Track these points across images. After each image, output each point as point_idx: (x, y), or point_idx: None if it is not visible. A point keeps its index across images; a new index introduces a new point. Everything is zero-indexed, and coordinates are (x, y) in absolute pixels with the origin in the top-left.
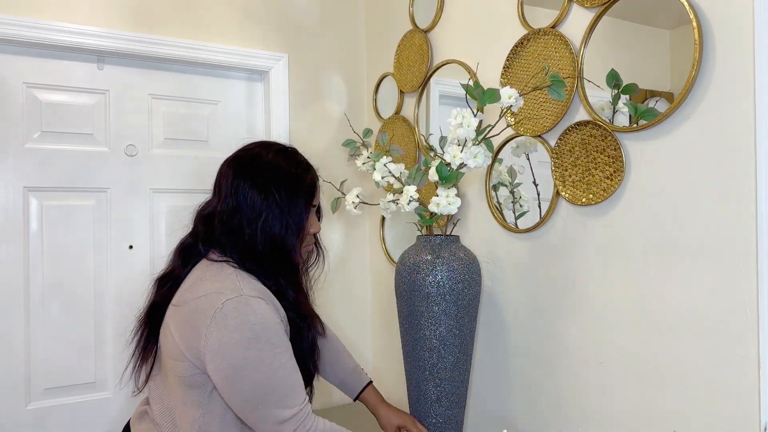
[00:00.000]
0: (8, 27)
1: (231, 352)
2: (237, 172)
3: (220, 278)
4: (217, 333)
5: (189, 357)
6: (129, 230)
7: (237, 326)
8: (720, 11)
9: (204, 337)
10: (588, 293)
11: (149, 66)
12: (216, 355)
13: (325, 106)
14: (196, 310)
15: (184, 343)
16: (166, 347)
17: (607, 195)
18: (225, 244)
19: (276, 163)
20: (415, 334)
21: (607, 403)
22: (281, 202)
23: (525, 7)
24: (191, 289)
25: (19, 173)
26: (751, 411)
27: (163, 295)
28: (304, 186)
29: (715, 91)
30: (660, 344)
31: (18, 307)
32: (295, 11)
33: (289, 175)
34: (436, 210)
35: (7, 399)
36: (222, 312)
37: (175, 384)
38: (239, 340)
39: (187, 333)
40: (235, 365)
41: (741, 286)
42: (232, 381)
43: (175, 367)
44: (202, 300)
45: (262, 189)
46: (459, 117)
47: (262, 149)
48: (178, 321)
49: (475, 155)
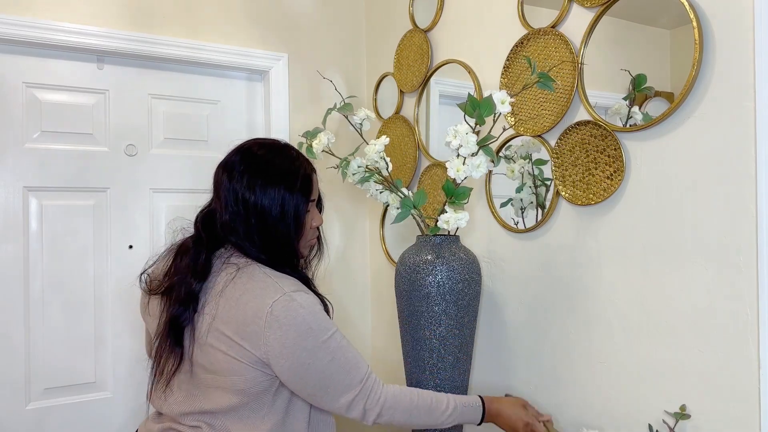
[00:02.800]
0: (8, 27)
1: (292, 349)
2: (232, 174)
3: (256, 284)
4: (274, 336)
5: (253, 366)
6: (129, 230)
7: (291, 324)
8: (720, 11)
9: (263, 345)
10: (588, 293)
11: (149, 66)
12: (280, 357)
13: (325, 106)
14: (245, 323)
15: (245, 356)
16: (214, 366)
17: (607, 195)
18: (235, 244)
19: (270, 159)
20: (415, 334)
21: (608, 403)
22: (278, 199)
23: (525, 6)
24: (234, 304)
25: (19, 173)
26: (751, 411)
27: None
28: (299, 180)
29: (715, 91)
30: (660, 344)
31: (18, 307)
32: (295, 11)
33: (282, 170)
34: (445, 227)
35: (7, 399)
36: (273, 315)
37: (230, 398)
38: (297, 335)
39: (246, 345)
40: (299, 360)
41: (741, 286)
42: (300, 375)
43: (233, 383)
44: (250, 309)
45: (260, 188)
46: (457, 137)
47: (254, 147)
48: (229, 337)
49: (478, 166)
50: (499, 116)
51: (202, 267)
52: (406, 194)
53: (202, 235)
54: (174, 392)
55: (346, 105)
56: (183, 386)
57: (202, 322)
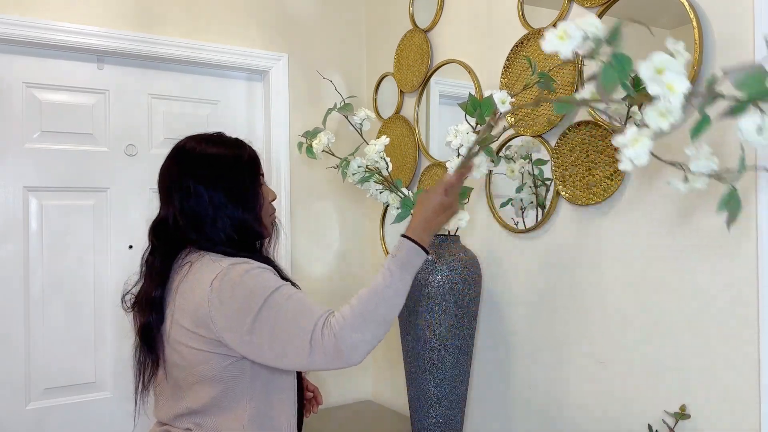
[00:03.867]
0: (8, 27)
1: (236, 319)
2: (177, 176)
3: (202, 271)
4: (218, 312)
5: (214, 352)
6: (129, 230)
7: (230, 293)
8: (720, 11)
9: (213, 324)
10: (588, 293)
11: (149, 66)
12: (227, 330)
13: (325, 106)
14: (195, 309)
15: (203, 344)
16: (183, 361)
17: (607, 195)
18: (196, 242)
19: (209, 152)
20: (415, 334)
21: (608, 403)
22: (231, 186)
23: (525, 6)
24: (184, 296)
25: (19, 173)
26: (751, 411)
27: (147, 319)
28: (244, 163)
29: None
30: (660, 344)
31: (18, 307)
32: (295, 11)
33: (226, 158)
34: (447, 227)
35: (7, 399)
36: (213, 292)
37: (208, 391)
38: (238, 305)
39: (201, 331)
40: (246, 327)
41: (741, 286)
42: (254, 342)
43: (202, 373)
44: (197, 296)
45: (208, 182)
46: (458, 136)
47: (191, 144)
48: (187, 329)
49: (478, 166)
50: (498, 117)
51: (159, 272)
52: (406, 194)
53: (156, 244)
54: (160, 398)
55: (346, 105)
56: (166, 391)
57: (166, 323)
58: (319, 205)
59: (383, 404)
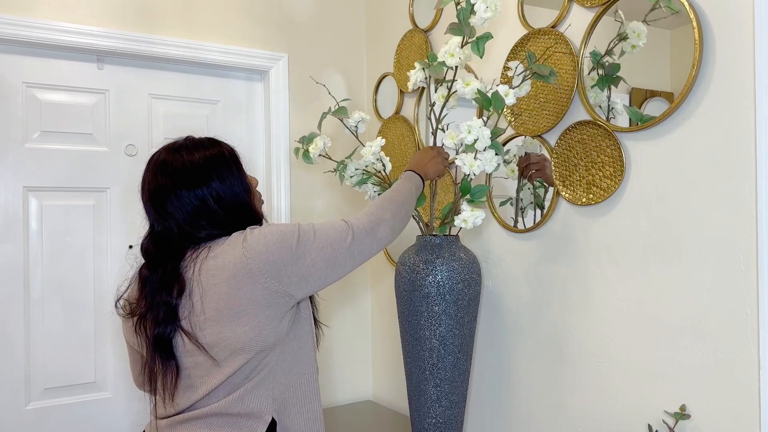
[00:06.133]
0: (8, 27)
1: (282, 252)
2: (171, 190)
3: (224, 244)
4: (262, 257)
5: (260, 309)
6: (129, 230)
7: (265, 242)
8: (720, 11)
9: (260, 276)
10: (588, 293)
11: (149, 66)
12: (277, 265)
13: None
14: (233, 274)
15: (244, 303)
16: (222, 333)
17: (607, 195)
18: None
19: (194, 159)
20: (415, 334)
21: (607, 403)
22: (224, 182)
23: (525, 6)
24: (214, 272)
25: (19, 173)
26: (751, 411)
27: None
28: (227, 158)
29: (715, 91)
30: (660, 344)
31: (18, 307)
32: (295, 11)
33: (212, 158)
34: (464, 226)
35: (7, 399)
36: (247, 251)
37: (245, 354)
38: (277, 247)
39: (244, 292)
40: (293, 254)
41: (741, 286)
42: (306, 263)
43: (243, 337)
44: (229, 261)
45: (204, 184)
46: (472, 131)
47: (170, 157)
48: (223, 297)
49: (490, 161)
50: (501, 112)
51: (171, 277)
52: None
53: (161, 256)
54: (178, 391)
55: (341, 108)
56: (180, 383)
57: (192, 312)
58: (319, 205)
59: (383, 404)
